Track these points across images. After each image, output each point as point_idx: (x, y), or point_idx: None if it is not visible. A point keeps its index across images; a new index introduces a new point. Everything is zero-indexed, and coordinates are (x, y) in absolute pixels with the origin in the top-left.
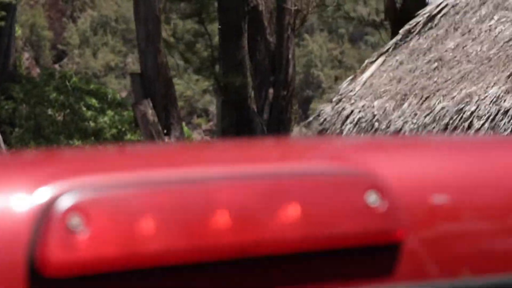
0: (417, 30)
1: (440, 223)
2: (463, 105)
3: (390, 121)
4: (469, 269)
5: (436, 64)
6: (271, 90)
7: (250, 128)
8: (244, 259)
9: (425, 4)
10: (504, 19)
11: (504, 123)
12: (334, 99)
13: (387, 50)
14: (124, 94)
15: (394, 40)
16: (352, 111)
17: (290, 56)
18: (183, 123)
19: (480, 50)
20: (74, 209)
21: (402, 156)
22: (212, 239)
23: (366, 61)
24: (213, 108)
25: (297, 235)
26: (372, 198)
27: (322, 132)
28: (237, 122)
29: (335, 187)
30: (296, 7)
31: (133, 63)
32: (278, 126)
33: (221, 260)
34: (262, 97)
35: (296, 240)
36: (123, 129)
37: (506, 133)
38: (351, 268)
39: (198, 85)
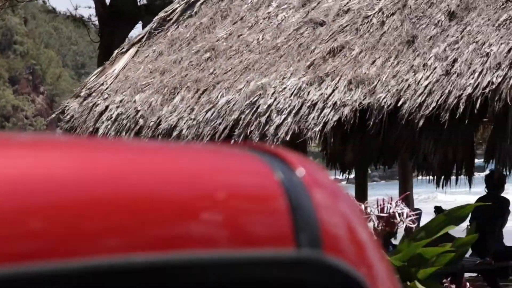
0: (174, 18)
1: None
2: (255, 98)
3: (159, 117)
4: None
5: (208, 54)
6: None
7: None
8: None
9: (135, 1)
10: (285, 6)
11: (313, 117)
12: (82, 94)
13: (140, 40)
14: None
15: (147, 29)
16: (107, 107)
17: None
18: None
19: (263, 39)
20: None
21: None
22: None
23: (115, 52)
24: None
25: None
26: None
27: (71, 130)
28: None
29: None
30: None
31: None
32: None
33: None
34: None
35: None
36: None
37: (317, 128)
38: None
39: None
